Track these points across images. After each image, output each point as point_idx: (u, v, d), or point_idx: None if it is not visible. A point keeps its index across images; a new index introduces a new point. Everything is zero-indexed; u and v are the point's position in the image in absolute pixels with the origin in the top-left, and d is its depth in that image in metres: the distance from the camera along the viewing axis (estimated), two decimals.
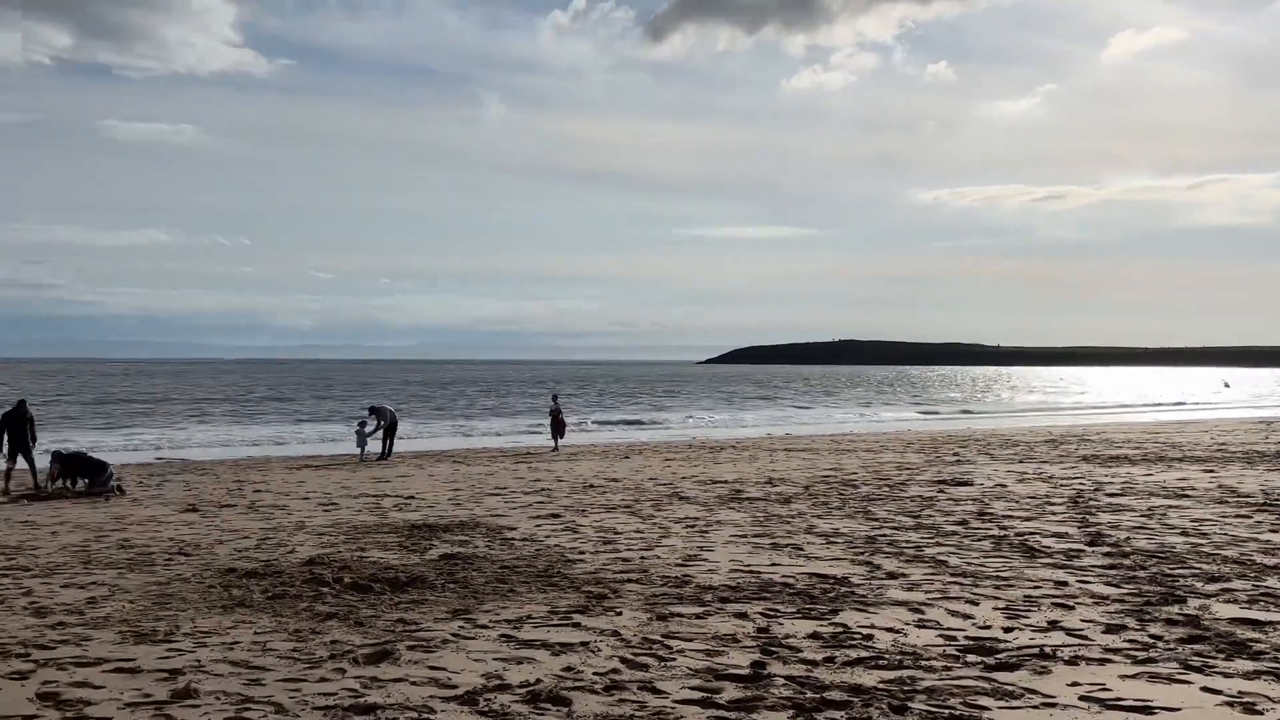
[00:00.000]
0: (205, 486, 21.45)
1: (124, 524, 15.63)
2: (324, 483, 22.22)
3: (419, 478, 23.25)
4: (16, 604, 9.77)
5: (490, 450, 33.38)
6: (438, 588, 10.28)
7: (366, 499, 18.87)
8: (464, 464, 27.17)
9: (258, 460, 29.89)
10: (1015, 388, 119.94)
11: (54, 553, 12.95)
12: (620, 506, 17.20)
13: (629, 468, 25.25)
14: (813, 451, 30.62)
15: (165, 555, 12.61)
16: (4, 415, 20.73)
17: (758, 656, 7.61)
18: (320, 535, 14.22)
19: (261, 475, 24.13)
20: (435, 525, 14.93)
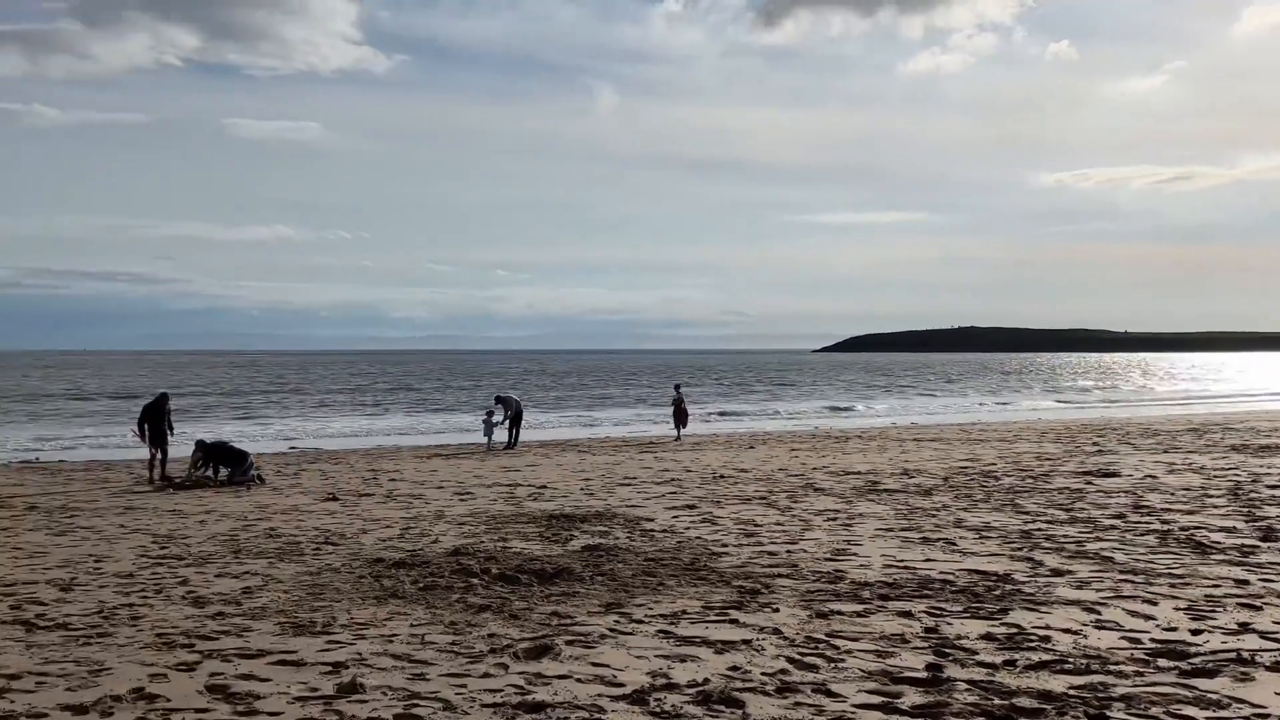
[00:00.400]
0: (341, 475, 21.81)
1: (268, 513, 15.92)
2: (455, 472, 22.40)
3: (547, 467, 23.28)
4: (175, 593, 9.93)
5: (613, 440, 33.34)
6: (586, 580, 10.12)
7: (500, 488, 18.92)
8: (589, 453, 27.15)
9: (388, 449, 30.38)
10: (1149, 374, 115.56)
11: (204, 541, 13.21)
12: (755, 498, 16.87)
13: (756, 458, 24.89)
14: (944, 441, 29.78)
15: (313, 545, 12.75)
16: (146, 406, 21.42)
17: (932, 658, 7.23)
18: (461, 525, 14.24)
19: (394, 464, 24.47)
20: (573, 515, 14.82)
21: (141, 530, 14.24)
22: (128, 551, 12.47)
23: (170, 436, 21.33)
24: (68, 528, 14.58)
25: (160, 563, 11.63)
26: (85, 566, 11.46)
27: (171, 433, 21.32)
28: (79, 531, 14.21)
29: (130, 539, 13.49)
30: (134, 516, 15.76)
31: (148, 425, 20.95)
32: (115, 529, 14.46)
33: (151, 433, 20.88)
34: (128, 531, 14.15)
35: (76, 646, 7.89)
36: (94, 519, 15.51)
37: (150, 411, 21.13)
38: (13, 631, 8.42)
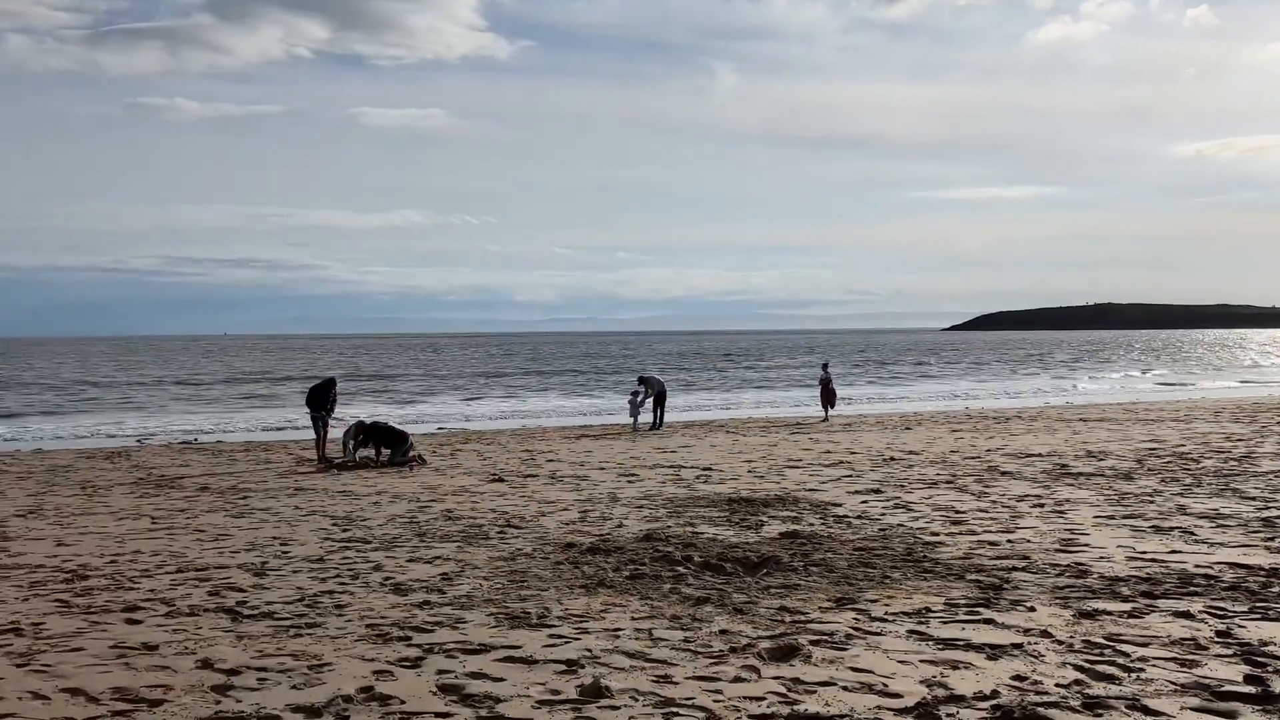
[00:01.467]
0: (498, 456, 21.52)
1: (439, 495, 15.61)
2: (609, 452, 21.91)
3: (701, 448, 22.61)
4: (372, 579, 9.54)
5: (756, 420, 32.52)
6: (799, 570, 9.39)
7: (662, 470, 18.32)
8: (739, 434, 26.39)
9: (533, 430, 30.15)
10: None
11: (384, 524, 12.91)
12: (941, 481, 15.90)
13: (918, 439, 23.78)
14: (1112, 421, 28.13)
15: (495, 528, 12.32)
16: (311, 388, 21.53)
17: (1246, 668, 6.29)
18: (639, 509, 13.66)
19: (545, 445, 24.13)
20: (752, 500, 14.10)
21: (319, 512, 14.04)
22: (310, 535, 12.22)
23: (328, 419, 21.32)
24: (243, 509, 14.48)
25: (347, 546, 11.32)
26: (272, 550, 11.21)
27: (329, 414, 21.29)
28: (256, 513, 14.08)
29: (309, 521, 13.27)
30: (306, 498, 15.62)
31: (311, 403, 21.04)
32: (291, 510, 14.30)
33: (312, 414, 20.95)
34: (304, 514, 13.97)
35: (288, 638, 7.50)
36: (268, 500, 15.42)
37: (315, 393, 21.21)
38: (218, 620, 8.09)
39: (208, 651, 7.16)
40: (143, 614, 8.33)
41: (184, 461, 21.86)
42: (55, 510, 14.71)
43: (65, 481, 18.43)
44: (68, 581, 9.70)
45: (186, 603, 8.70)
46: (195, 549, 11.38)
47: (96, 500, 15.81)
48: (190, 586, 9.38)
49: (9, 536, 12.43)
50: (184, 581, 9.59)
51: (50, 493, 16.83)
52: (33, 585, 9.56)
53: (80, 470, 20.36)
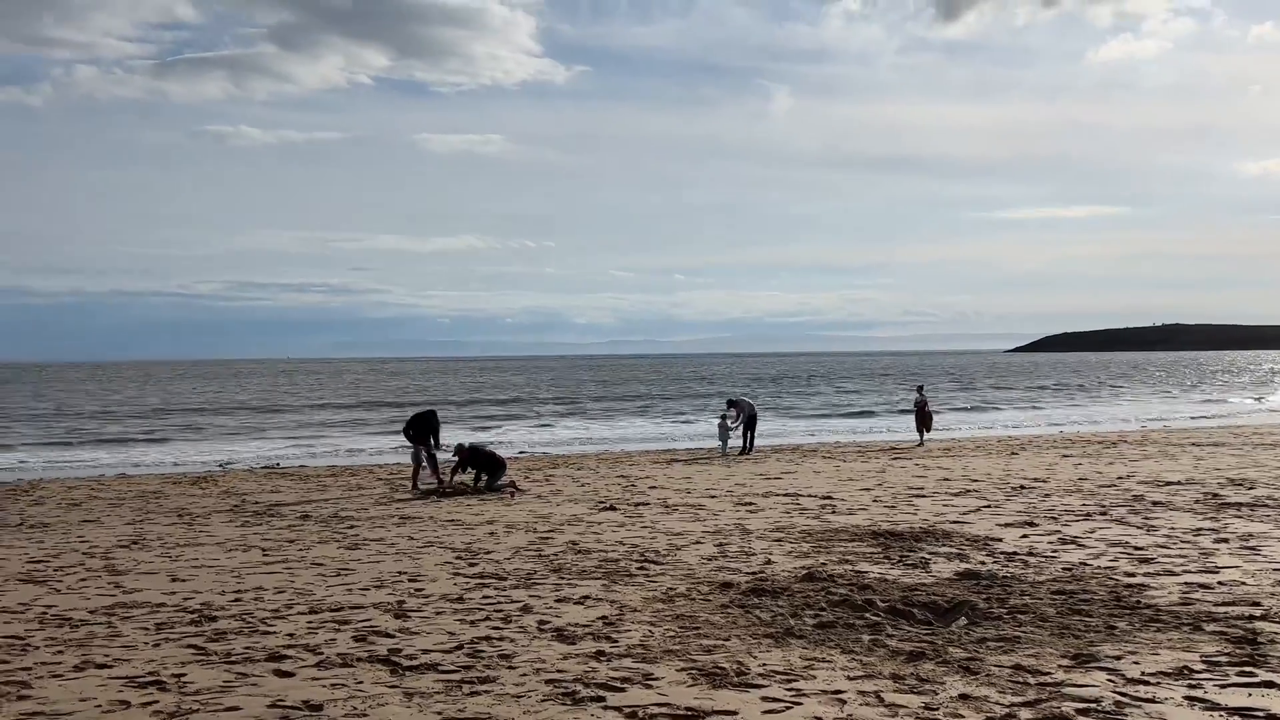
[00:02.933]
0: (595, 483, 20.68)
1: (553, 524, 14.76)
2: (710, 479, 20.96)
3: (804, 474, 21.58)
4: (527, 623, 8.67)
5: (846, 444, 31.40)
6: (1004, 618, 8.38)
7: (779, 498, 17.34)
8: (838, 459, 25.32)
9: (617, 454, 29.31)
10: None
11: (510, 557, 12.07)
12: (1094, 513, 14.76)
13: (1033, 465, 22.57)
14: (1226, 446, 26.65)
15: (632, 563, 11.43)
16: (412, 417, 20.90)
17: None
18: (778, 542, 12.70)
19: (639, 470, 23.24)
20: (900, 533, 13.08)
21: (436, 544, 13.24)
22: (437, 569, 11.41)
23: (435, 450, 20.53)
24: (355, 540, 13.73)
25: (483, 583, 10.47)
26: (403, 587, 10.40)
27: (437, 446, 20.53)
28: (370, 545, 13.31)
29: (430, 554, 12.47)
30: (416, 527, 14.85)
31: (412, 432, 20.38)
32: (405, 541, 13.52)
33: (415, 443, 20.28)
34: (421, 545, 13.17)
35: (464, 696, 6.65)
36: (376, 530, 14.67)
37: (418, 423, 20.54)
38: (377, 673, 7.26)
39: (380, 713, 6.33)
40: (290, 664, 7.53)
41: (273, 487, 21.27)
42: (159, 540, 14.07)
43: (159, 509, 17.86)
44: (195, 623, 8.95)
45: (334, 650, 7.89)
46: (320, 585, 10.61)
47: (198, 529, 15.17)
48: (331, 630, 8.58)
49: (119, 570, 11.76)
50: (322, 624, 8.79)
51: (148, 521, 16.25)
52: (159, 627, 8.82)
53: (171, 496, 19.83)
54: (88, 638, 8.46)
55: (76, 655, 7.91)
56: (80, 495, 20.30)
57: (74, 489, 21.60)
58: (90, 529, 15.47)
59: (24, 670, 7.51)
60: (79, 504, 18.79)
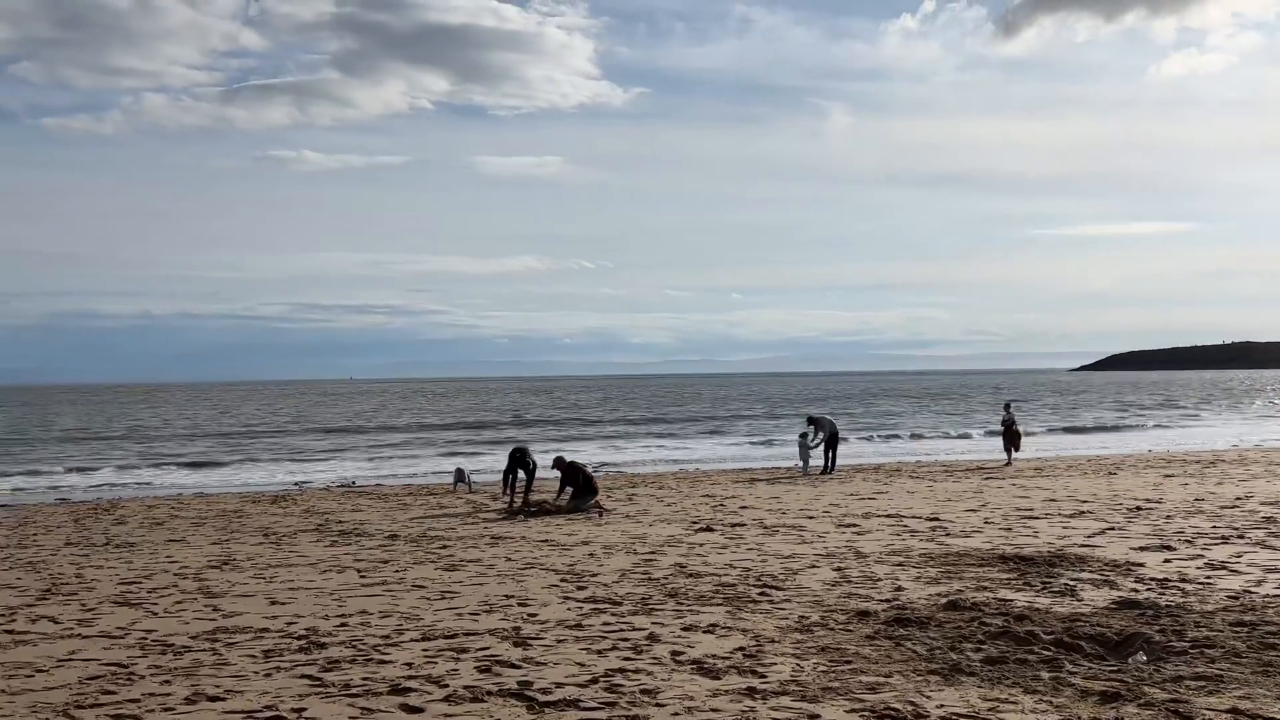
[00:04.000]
0: (681, 502, 20.02)
1: (652, 545, 14.12)
2: (799, 498, 20.20)
3: (897, 494, 20.74)
4: (659, 653, 8.02)
5: (930, 464, 30.41)
6: (1187, 654, 7.58)
7: (881, 519, 16.56)
8: (925, 478, 24.41)
9: (694, 473, 28.62)
10: None
11: (618, 580, 11.45)
12: (1230, 535, 13.83)
13: (1139, 485, 21.53)
14: None
15: (750, 587, 10.75)
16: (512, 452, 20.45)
17: None
18: (898, 566, 11.94)
19: (721, 490, 22.55)
20: (1030, 558, 12.26)
21: (536, 565, 12.65)
22: (544, 592, 10.80)
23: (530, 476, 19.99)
24: (451, 561, 13.19)
25: (598, 608, 9.85)
26: (515, 612, 9.81)
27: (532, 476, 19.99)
28: (467, 566, 12.77)
29: (532, 576, 11.87)
30: (510, 547, 14.29)
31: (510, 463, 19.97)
32: (503, 563, 12.95)
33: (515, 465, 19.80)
34: (520, 566, 12.59)
35: None
36: (470, 550, 14.14)
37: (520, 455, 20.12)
38: (514, 709, 6.66)
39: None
40: (416, 697, 6.95)
41: (354, 506, 20.88)
42: (249, 561, 13.65)
43: (243, 528, 17.51)
44: (304, 650, 8.42)
45: (459, 682, 7.30)
46: (426, 609, 10.06)
47: (286, 549, 14.75)
48: (450, 659, 7.99)
49: (214, 592, 11.31)
50: (439, 653, 8.22)
51: (234, 540, 15.88)
52: (267, 655, 8.30)
53: (253, 515, 19.50)
54: (194, 666, 7.96)
55: (185, 686, 7.40)
56: (161, 514, 20.06)
57: (154, 508, 21.39)
58: (177, 549, 15.12)
59: (133, 703, 7.01)
60: (161, 523, 18.52)
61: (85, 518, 19.66)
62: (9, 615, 10.14)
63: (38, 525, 18.56)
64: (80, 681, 7.55)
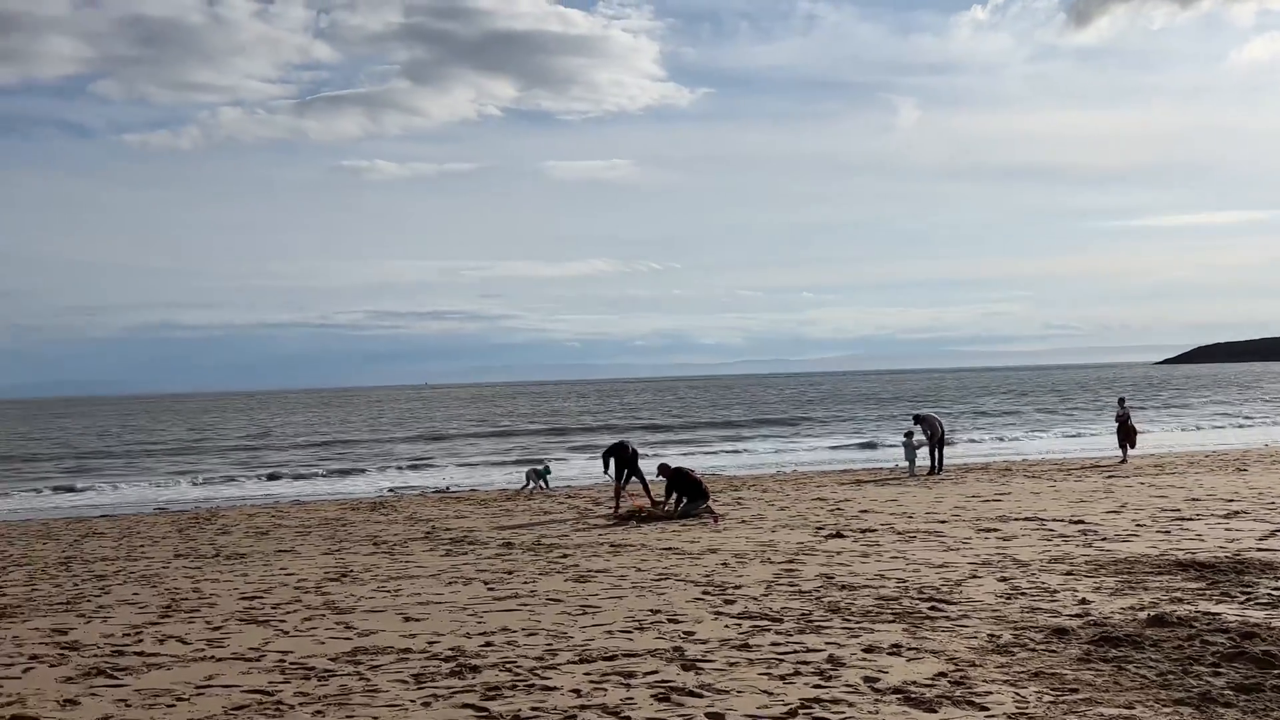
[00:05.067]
0: (794, 506, 19.18)
1: (784, 552, 13.32)
2: (917, 500, 19.23)
3: (1020, 494, 19.66)
4: (849, 678, 7.23)
5: (1041, 462, 29.15)
6: None
7: (1018, 522, 15.57)
8: (1041, 478, 23.25)
9: (793, 475, 27.71)
10: None
11: (765, 592, 10.68)
12: None
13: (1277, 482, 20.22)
14: None
15: (917, 601, 9.90)
16: (612, 445, 19.76)
17: None
18: (1069, 575, 11.01)
19: (830, 492, 21.66)
20: (1210, 564, 11.25)
21: (670, 576, 11.92)
22: (691, 606, 10.06)
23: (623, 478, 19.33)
24: (578, 572, 12.52)
25: (756, 625, 9.08)
26: (668, 629, 9.08)
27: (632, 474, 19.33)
28: (597, 577, 12.08)
29: (671, 588, 11.14)
30: (635, 556, 13.59)
31: (613, 460, 19.26)
32: (634, 573, 12.24)
33: (616, 469, 19.16)
34: (653, 577, 11.87)
35: None
36: (593, 559, 13.46)
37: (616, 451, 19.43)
38: None
39: None
40: None
41: (456, 513, 20.38)
42: (368, 572, 13.11)
43: (350, 537, 17.06)
44: (457, 674, 7.77)
45: (640, 714, 6.60)
46: (571, 626, 9.37)
47: (402, 559, 14.22)
48: (619, 685, 7.28)
49: (340, 607, 10.75)
50: (603, 677, 7.51)
51: (345, 550, 15.40)
52: (418, 680, 7.66)
53: (356, 523, 19.07)
54: (343, 694, 7.35)
55: (340, 717, 6.78)
56: (263, 523, 19.73)
57: (254, 517, 21.09)
58: (289, 559, 14.67)
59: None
60: (266, 532, 18.15)
61: (188, 527, 19.39)
62: (135, 634, 9.66)
63: (143, 536, 18.31)
64: (226, 712, 6.97)
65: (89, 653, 8.92)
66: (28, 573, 14.10)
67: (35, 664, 8.56)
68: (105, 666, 8.35)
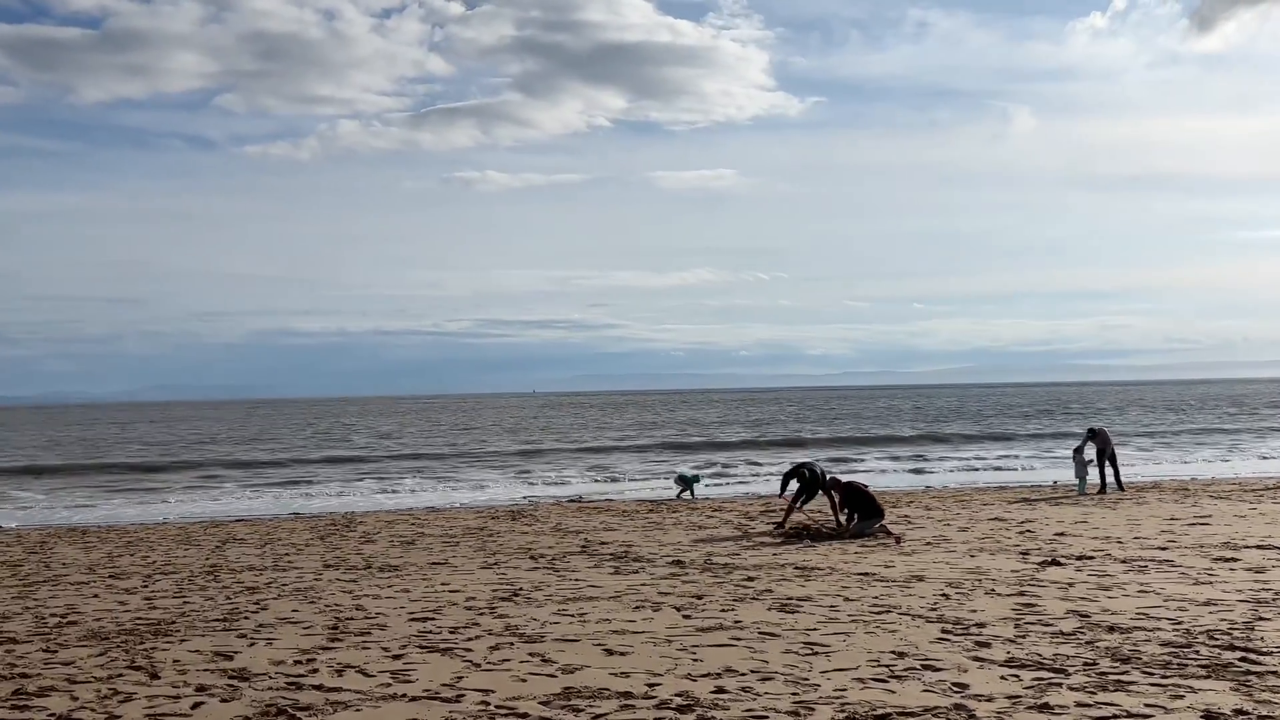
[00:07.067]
0: (974, 527, 17.54)
1: (997, 580, 11.76)
2: (1110, 522, 17.41)
3: (1222, 517, 17.73)
4: None
5: (1223, 482, 26.84)
6: None
7: (1249, 550, 13.71)
8: (1234, 499, 21.14)
9: (953, 492, 25.89)
10: None
11: (1018, 634, 9.14)
12: None
13: None
14: None
15: (1220, 650, 8.27)
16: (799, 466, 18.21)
17: None
18: None
19: (1005, 511, 19.91)
20: None
21: (887, 607, 10.45)
22: (942, 649, 8.60)
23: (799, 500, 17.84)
24: (775, 599, 11.15)
25: (1039, 678, 7.57)
26: (931, 679, 7.65)
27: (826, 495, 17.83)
28: (801, 606, 10.68)
29: (898, 622, 9.69)
30: (829, 582, 12.13)
31: (793, 483, 17.79)
32: (841, 601, 10.82)
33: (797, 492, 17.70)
34: (868, 608, 10.43)
35: None
36: (782, 583, 12.08)
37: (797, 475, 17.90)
38: None
39: None
40: None
41: (603, 524, 19.21)
42: (539, 591, 11.94)
43: (501, 549, 16.00)
44: None
45: None
46: (805, 668, 8.01)
47: (568, 576, 13.03)
48: None
49: (528, 635, 9.52)
50: None
51: (502, 564, 14.30)
52: None
53: (502, 534, 18.01)
54: None
55: None
56: (405, 531, 18.80)
57: (394, 524, 20.19)
58: (446, 573, 13.61)
59: None
60: (412, 542, 17.18)
61: (329, 535, 18.55)
62: (308, 662, 8.57)
63: (285, 543, 17.49)
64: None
65: (261, 684, 7.85)
66: (175, 582, 13.26)
67: (205, 698, 7.51)
68: (284, 704, 7.25)
